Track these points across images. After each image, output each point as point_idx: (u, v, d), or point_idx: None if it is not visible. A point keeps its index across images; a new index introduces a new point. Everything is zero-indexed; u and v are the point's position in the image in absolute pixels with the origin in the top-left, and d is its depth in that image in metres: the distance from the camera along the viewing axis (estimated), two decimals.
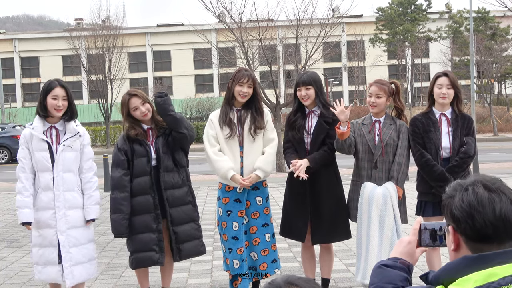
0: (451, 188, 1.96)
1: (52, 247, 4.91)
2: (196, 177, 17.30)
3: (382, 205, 5.02)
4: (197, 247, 5.33)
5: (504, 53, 43.00)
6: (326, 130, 5.24)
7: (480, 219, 1.85)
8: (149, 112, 5.22)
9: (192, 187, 5.47)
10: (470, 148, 5.23)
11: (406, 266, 2.12)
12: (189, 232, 5.25)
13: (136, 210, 5.16)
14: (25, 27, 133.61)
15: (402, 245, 2.18)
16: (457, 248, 1.93)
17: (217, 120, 5.28)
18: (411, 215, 6.71)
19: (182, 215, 5.24)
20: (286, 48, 25.62)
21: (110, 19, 38.79)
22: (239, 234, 5.23)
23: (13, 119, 41.63)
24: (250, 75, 5.27)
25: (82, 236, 5.00)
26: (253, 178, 5.16)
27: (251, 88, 5.25)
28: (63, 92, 4.91)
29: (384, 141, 5.18)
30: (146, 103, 5.20)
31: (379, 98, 5.20)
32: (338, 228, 5.31)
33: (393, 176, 5.14)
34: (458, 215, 1.89)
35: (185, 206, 5.27)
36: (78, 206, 4.98)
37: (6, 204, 13.29)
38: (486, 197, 1.87)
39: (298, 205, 5.29)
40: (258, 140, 5.26)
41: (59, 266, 4.91)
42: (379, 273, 2.09)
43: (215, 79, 61.32)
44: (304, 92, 5.25)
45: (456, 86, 5.28)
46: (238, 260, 5.21)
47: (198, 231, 5.34)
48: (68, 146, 4.92)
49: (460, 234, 1.91)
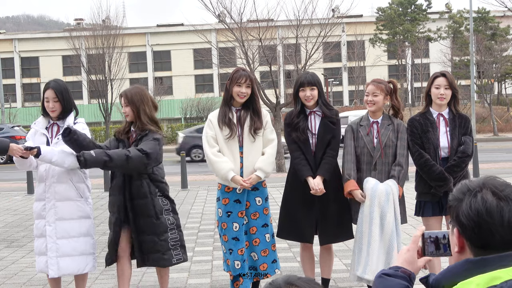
0: (458, 191, 1.92)
1: (43, 238, 5.06)
2: (196, 177, 17.32)
3: (385, 201, 5.03)
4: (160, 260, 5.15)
5: (504, 53, 43.02)
6: (332, 130, 5.26)
7: (487, 228, 1.82)
8: (128, 116, 5.14)
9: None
10: (468, 147, 5.24)
11: (407, 275, 2.09)
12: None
13: (110, 208, 5.23)
14: (25, 27, 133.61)
15: (402, 253, 2.16)
16: (461, 250, 1.92)
17: (216, 120, 5.26)
18: (410, 215, 6.71)
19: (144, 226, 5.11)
20: (286, 48, 25.61)
21: (110, 19, 38.81)
22: (239, 235, 5.22)
23: (13, 119, 41.63)
24: (248, 75, 5.26)
25: (72, 229, 5.05)
26: (253, 179, 5.16)
27: (249, 88, 5.24)
28: (53, 93, 5.05)
29: (383, 143, 5.18)
30: (128, 106, 5.12)
31: (376, 97, 5.21)
32: (344, 228, 5.34)
33: (394, 176, 5.15)
34: (465, 223, 1.86)
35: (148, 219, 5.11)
36: (69, 199, 5.06)
37: (6, 204, 13.28)
38: (494, 205, 1.83)
39: (305, 206, 5.27)
40: (258, 141, 5.26)
41: (47, 257, 5.02)
42: (380, 283, 2.07)
43: (215, 79, 61.33)
44: (309, 92, 5.25)
45: (453, 87, 5.28)
46: (239, 261, 5.20)
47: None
48: (61, 140, 5.03)
49: (465, 239, 1.89)
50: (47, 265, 5.02)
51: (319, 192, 5.14)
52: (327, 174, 5.19)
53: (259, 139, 5.26)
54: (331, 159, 5.22)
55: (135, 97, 5.12)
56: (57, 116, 5.13)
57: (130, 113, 5.11)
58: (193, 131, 24.77)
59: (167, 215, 5.18)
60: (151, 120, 5.14)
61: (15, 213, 11.67)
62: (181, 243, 5.24)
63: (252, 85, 5.27)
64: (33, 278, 6.75)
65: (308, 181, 5.17)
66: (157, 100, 42.48)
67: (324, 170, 5.18)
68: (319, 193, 5.15)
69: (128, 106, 5.11)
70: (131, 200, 5.07)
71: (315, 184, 5.13)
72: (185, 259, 5.29)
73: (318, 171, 5.19)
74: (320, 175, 5.17)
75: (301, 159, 5.24)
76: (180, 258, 5.21)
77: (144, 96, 5.17)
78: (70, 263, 5.04)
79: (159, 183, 5.16)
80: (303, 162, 5.23)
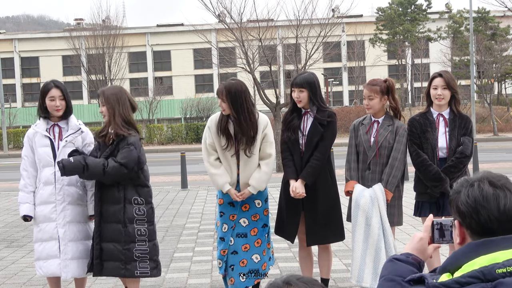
0: (458, 184, 2.02)
1: (54, 240, 5.01)
2: (196, 177, 17.32)
3: (369, 207, 5.02)
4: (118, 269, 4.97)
5: (504, 53, 43.02)
6: (320, 132, 5.22)
7: (484, 214, 1.91)
8: (105, 116, 5.02)
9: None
10: (466, 148, 5.21)
11: (418, 262, 2.16)
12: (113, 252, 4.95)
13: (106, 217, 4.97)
14: (25, 27, 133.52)
15: (414, 241, 2.22)
16: (462, 241, 1.99)
17: (214, 128, 5.24)
18: (410, 215, 6.71)
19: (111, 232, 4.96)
20: (286, 48, 25.62)
21: (110, 19, 38.88)
22: (226, 236, 5.28)
23: (13, 119, 41.65)
24: (222, 88, 5.11)
25: (80, 232, 5.08)
26: (246, 194, 5.21)
27: (226, 103, 5.08)
28: (59, 92, 5.07)
29: (378, 143, 5.17)
30: (104, 105, 4.99)
31: (371, 100, 5.19)
32: (333, 229, 5.31)
33: (383, 179, 5.12)
34: (464, 210, 1.94)
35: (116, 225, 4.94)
36: (78, 202, 5.08)
37: (6, 204, 13.29)
38: (491, 193, 1.92)
39: (291, 206, 5.30)
40: (254, 155, 5.22)
41: (59, 259, 5.01)
42: (390, 266, 2.13)
43: (215, 79, 61.29)
44: (297, 94, 5.24)
45: (451, 87, 5.25)
46: (221, 260, 5.30)
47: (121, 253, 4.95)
48: (70, 142, 5.06)
49: (465, 228, 1.97)
50: (59, 268, 4.99)
51: (297, 196, 5.14)
52: (309, 178, 5.16)
53: (255, 153, 5.22)
54: (316, 162, 5.17)
55: (112, 97, 4.95)
56: (62, 115, 5.11)
57: (106, 113, 4.97)
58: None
59: (139, 226, 4.92)
60: (126, 122, 4.94)
61: (15, 213, 11.66)
62: (151, 257, 4.94)
63: (230, 100, 5.07)
64: (33, 278, 6.75)
65: (290, 184, 5.19)
66: (157, 100, 42.60)
67: (306, 173, 5.16)
68: (298, 197, 5.15)
69: (105, 106, 4.97)
70: (101, 205, 4.93)
71: (294, 188, 5.14)
72: (153, 275, 4.97)
73: (301, 174, 5.18)
74: (301, 179, 5.17)
75: (288, 160, 5.27)
76: (146, 272, 4.92)
77: (120, 97, 4.97)
78: (77, 266, 5.05)
79: (141, 187, 4.97)
80: (289, 163, 5.26)
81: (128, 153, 4.83)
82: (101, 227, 4.93)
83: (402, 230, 7.99)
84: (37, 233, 5.10)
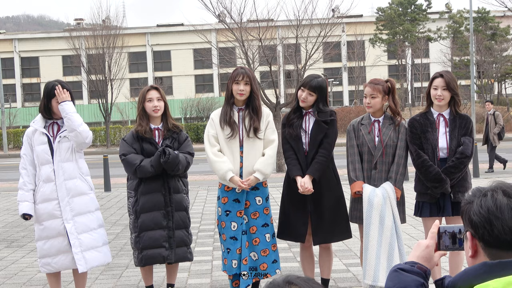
0: (470, 194, 1.95)
1: (62, 236, 5.07)
2: (196, 177, 17.32)
3: (382, 205, 5.03)
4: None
5: (504, 53, 43.06)
6: (324, 130, 5.24)
7: (498, 225, 1.84)
8: (160, 110, 5.33)
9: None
10: (466, 148, 5.21)
11: (423, 271, 2.07)
12: (183, 238, 5.39)
13: (146, 208, 5.27)
14: (25, 27, 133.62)
15: (420, 249, 2.12)
16: (474, 254, 1.92)
17: (218, 119, 5.29)
18: (410, 215, 6.71)
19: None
20: (286, 48, 25.61)
21: (110, 19, 38.81)
22: (237, 234, 5.23)
23: (13, 119, 41.65)
24: (245, 72, 5.27)
25: (91, 221, 5.16)
26: (252, 180, 5.17)
27: (248, 85, 5.25)
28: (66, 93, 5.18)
29: (384, 142, 5.18)
30: (161, 100, 5.34)
31: (373, 99, 5.21)
32: (339, 228, 5.32)
33: (391, 177, 5.15)
34: (476, 221, 1.87)
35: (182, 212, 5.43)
36: (82, 193, 5.15)
37: (6, 204, 13.29)
38: (505, 203, 1.85)
39: (298, 206, 5.28)
40: (258, 141, 5.26)
41: (71, 253, 5.06)
42: (395, 277, 2.04)
43: (215, 79, 61.29)
44: (305, 95, 5.25)
45: (451, 88, 5.24)
46: (236, 260, 5.22)
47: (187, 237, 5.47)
48: (64, 137, 5.13)
49: (478, 240, 1.89)
50: (73, 262, 5.06)
51: (306, 191, 5.12)
52: (317, 174, 5.17)
53: (260, 139, 5.26)
54: (323, 158, 5.19)
55: (163, 94, 5.43)
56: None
57: (162, 109, 5.36)
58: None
59: (188, 213, 5.59)
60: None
61: (15, 213, 11.66)
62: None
63: (251, 83, 5.26)
64: (33, 278, 6.75)
65: (297, 180, 5.18)
66: None
67: (313, 169, 5.17)
68: (307, 192, 5.13)
69: (162, 101, 5.35)
70: (170, 195, 5.31)
71: (302, 183, 5.13)
72: (191, 258, 5.48)
73: (308, 170, 5.18)
74: (309, 175, 5.16)
75: (292, 159, 5.26)
76: (192, 256, 5.51)
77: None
78: (97, 254, 5.16)
79: (185, 178, 5.52)
80: (293, 162, 5.25)
81: (191, 145, 5.41)
82: (172, 215, 5.29)
83: (402, 230, 7.98)
84: (40, 231, 5.12)
